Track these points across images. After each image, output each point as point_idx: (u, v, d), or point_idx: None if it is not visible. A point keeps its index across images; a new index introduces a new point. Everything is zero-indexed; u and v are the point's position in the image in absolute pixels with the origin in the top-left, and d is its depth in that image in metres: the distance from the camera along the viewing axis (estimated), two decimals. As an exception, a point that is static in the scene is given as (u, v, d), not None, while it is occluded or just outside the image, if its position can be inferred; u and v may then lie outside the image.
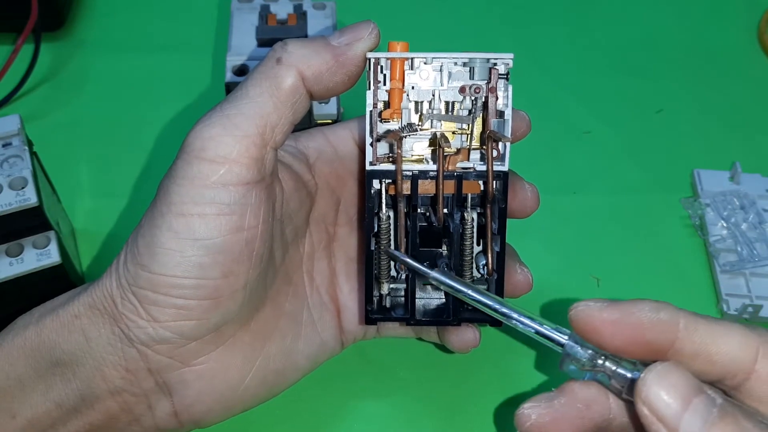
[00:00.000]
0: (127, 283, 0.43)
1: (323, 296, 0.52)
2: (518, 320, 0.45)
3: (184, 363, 0.45)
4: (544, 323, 0.44)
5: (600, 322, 0.41)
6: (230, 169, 0.42)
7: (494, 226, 0.48)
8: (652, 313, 0.41)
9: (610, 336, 0.41)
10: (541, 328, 0.44)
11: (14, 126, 0.54)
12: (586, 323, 0.42)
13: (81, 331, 0.44)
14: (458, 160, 0.47)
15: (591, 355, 0.43)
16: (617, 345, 0.41)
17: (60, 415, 0.44)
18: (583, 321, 0.42)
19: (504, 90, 0.46)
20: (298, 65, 0.43)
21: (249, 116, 0.43)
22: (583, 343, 0.43)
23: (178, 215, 0.42)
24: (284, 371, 0.50)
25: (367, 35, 0.44)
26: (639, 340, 0.41)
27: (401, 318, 0.49)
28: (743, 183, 0.66)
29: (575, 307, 0.42)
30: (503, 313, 0.45)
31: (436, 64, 0.47)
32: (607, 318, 0.41)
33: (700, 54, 0.80)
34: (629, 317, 0.41)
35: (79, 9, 0.80)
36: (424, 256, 0.49)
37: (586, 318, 0.42)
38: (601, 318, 0.41)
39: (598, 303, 0.42)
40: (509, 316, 0.45)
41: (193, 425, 0.48)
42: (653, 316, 0.41)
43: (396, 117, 0.47)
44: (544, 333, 0.44)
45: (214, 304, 0.43)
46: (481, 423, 0.54)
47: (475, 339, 0.51)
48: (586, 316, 0.42)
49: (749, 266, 0.61)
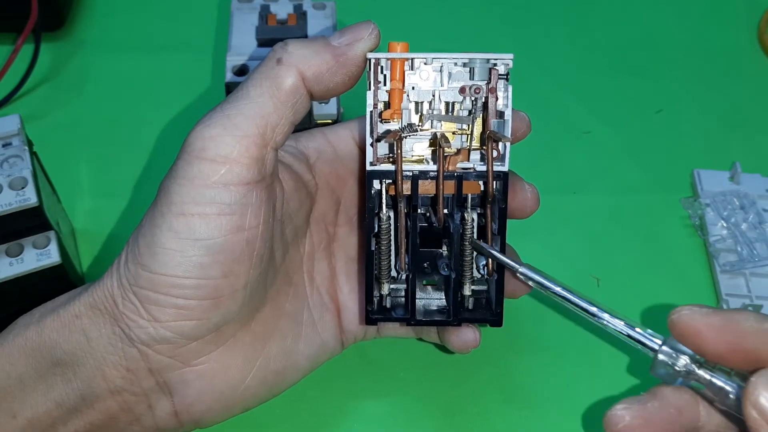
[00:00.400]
0: (127, 283, 0.43)
1: (323, 296, 0.52)
2: (608, 321, 0.44)
3: (185, 363, 0.45)
4: (635, 326, 0.44)
5: (705, 327, 0.41)
6: (231, 169, 0.42)
7: (494, 226, 0.48)
8: (757, 323, 0.41)
9: (714, 342, 0.41)
10: (633, 332, 0.44)
11: (14, 126, 0.54)
12: (689, 327, 0.42)
13: (82, 331, 0.44)
14: (458, 160, 0.47)
15: (687, 361, 0.42)
16: (720, 351, 0.41)
17: (60, 415, 0.44)
18: (686, 325, 0.42)
19: (504, 90, 0.46)
20: (298, 65, 0.43)
21: (249, 116, 0.43)
22: (679, 348, 0.43)
23: (178, 215, 0.42)
24: (284, 371, 0.50)
25: (367, 35, 0.44)
26: (741, 348, 0.41)
27: (401, 318, 0.49)
28: (743, 183, 0.66)
29: (678, 311, 0.42)
30: (592, 313, 0.45)
31: (437, 64, 0.47)
32: (712, 323, 0.41)
33: (700, 54, 0.80)
34: (734, 325, 0.41)
35: (79, 9, 0.80)
36: (425, 257, 0.50)
37: (690, 322, 0.42)
38: (706, 323, 0.41)
39: (703, 308, 0.42)
40: (599, 316, 0.45)
41: (193, 425, 0.48)
42: (757, 326, 0.41)
43: (396, 117, 0.47)
44: (637, 338, 0.44)
45: (214, 303, 0.44)
46: (481, 423, 0.54)
47: (475, 339, 0.51)
48: (690, 320, 0.42)
49: (749, 266, 0.61)
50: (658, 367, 0.43)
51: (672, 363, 0.43)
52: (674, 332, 0.42)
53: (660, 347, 0.43)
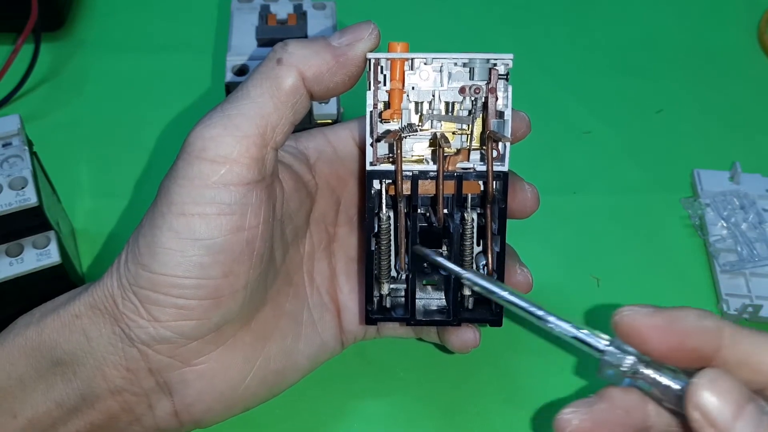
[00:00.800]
0: (128, 283, 0.43)
1: (323, 296, 0.52)
2: (555, 324, 0.44)
3: (185, 363, 0.45)
4: (582, 328, 0.43)
5: (647, 328, 0.41)
6: (231, 169, 0.42)
7: (494, 226, 0.48)
8: (698, 321, 0.41)
9: (657, 342, 0.41)
10: (579, 333, 0.43)
11: (14, 126, 0.54)
12: (632, 328, 0.41)
13: (82, 331, 0.44)
14: (458, 160, 0.47)
15: (633, 361, 0.42)
16: (663, 351, 0.41)
17: (61, 415, 0.44)
18: (629, 325, 0.41)
19: (504, 90, 0.46)
20: (298, 66, 0.43)
21: (249, 116, 0.43)
22: (625, 348, 0.42)
23: (178, 215, 0.42)
24: (284, 371, 0.50)
25: (367, 36, 0.44)
26: (684, 347, 0.41)
27: (401, 318, 0.49)
28: (743, 183, 0.66)
29: (620, 312, 0.42)
30: (539, 316, 0.44)
31: (436, 64, 0.47)
32: (654, 323, 0.41)
33: (700, 54, 0.80)
34: (675, 323, 0.41)
35: (79, 9, 0.80)
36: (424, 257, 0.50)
37: (633, 323, 0.41)
38: (648, 323, 0.41)
39: (645, 308, 0.41)
40: (545, 319, 0.44)
41: (193, 425, 0.48)
42: (699, 324, 0.41)
43: (396, 117, 0.47)
44: (582, 338, 0.43)
45: (214, 303, 0.44)
46: (480, 423, 0.54)
47: (475, 339, 0.51)
48: (632, 320, 0.41)
49: (749, 266, 0.61)
50: (605, 368, 0.43)
51: (618, 363, 0.42)
52: (618, 332, 0.42)
53: (605, 348, 0.43)
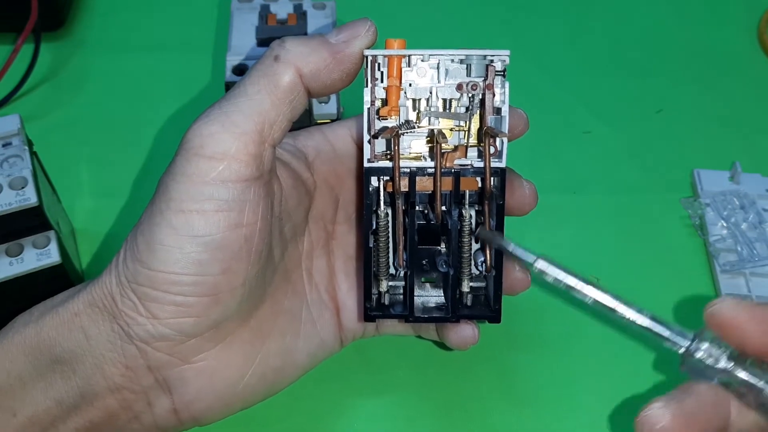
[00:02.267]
0: (126, 281, 0.43)
1: (322, 294, 0.52)
2: (636, 320, 0.42)
3: (184, 360, 0.45)
4: (664, 323, 0.42)
5: (748, 320, 0.40)
6: (229, 166, 0.42)
7: (492, 222, 0.48)
8: None
9: (758, 336, 0.40)
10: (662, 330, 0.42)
11: (14, 126, 0.54)
12: (731, 320, 0.41)
13: (81, 329, 0.44)
14: (456, 157, 0.47)
15: (721, 355, 0.41)
16: (762, 346, 0.40)
17: (60, 413, 0.44)
18: (728, 318, 0.41)
19: (501, 87, 0.46)
20: (295, 63, 0.43)
21: (247, 113, 0.43)
22: (711, 343, 0.41)
23: (177, 212, 0.42)
24: (284, 369, 0.50)
25: (364, 33, 0.45)
26: None
27: (400, 315, 0.49)
28: (743, 183, 0.66)
29: (719, 303, 0.41)
30: (614, 310, 0.42)
31: (433, 61, 0.47)
32: (755, 317, 0.40)
33: (700, 54, 0.80)
34: None
35: (79, 9, 0.80)
36: (423, 254, 0.50)
37: (733, 315, 0.41)
38: (750, 316, 0.40)
39: (744, 302, 0.41)
40: (623, 315, 0.42)
41: (192, 422, 0.48)
42: None
43: (393, 114, 0.47)
44: (665, 334, 0.42)
45: (213, 300, 0.44)
46: (479, 420, 0.54)
47: (474, 336, 0.51)
48: (732, 313, 0.41)
49: (749, 266, 0.61)
50: (689, 364, 0.42)
51: (704, 359, 0.41)
52: (712, 324, 0.41)
53: (691, 343, 0.41)
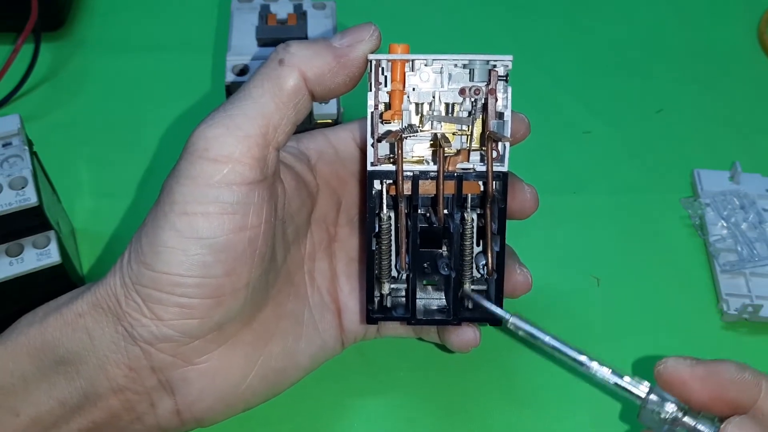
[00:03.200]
0: (130, 282, 0.43)
1: (324, 296, 0.52)
2: (597, 371, 0.46)
3: (187, 361, 0.45)
4: (624, 375, 0.46)
5: (690, 378, 0.45)
6: (233, 169, 0.42)
7: (494, 226, 0.48)
8: (737, 373, 0.44)
9: (698, 391, 0.45)
10: (621, 381, 0.46)
11: (14, 126, 0.54)
12: (674, 377, 0.45)
13: (85, 330, 0.44)
14: (458, 160, 0.48)
15: (673, 408, 0.45)
16: (703, 400, 0.45)
17: (63, 413, 0.44)
18: (672, 375, 0.45)
19: (503, 92, 0.46)
20: (300, 66, 0.44)
21: (251, 116, 0.43)
22: (664, 396, 0.45)
23: (181, 214, 0.42)
24: (286, 370, 0.50)
25: (368, 37, 0.45)
26: (724, 397, 0.44)
27: (402, 317, 0.49)
28: (743, 183, 0.66)
29: (664, 363, 0.46)
30: (581, 362, 0.46)
31: (437, 66, 0.47)
32: (696, 374, 0.45)
33: (700, 54, 0.80)
34: (716, 375, 0.45)
35: (79, 9, 0.80)
36: (425, 257, 0.50)
37: (675, 373, 0.45)
38: (691, 374, 0.45)
39: (687, 360, 0.45)
40: (587, 366, 0.46)
41: (195, 424, 0.48)
42: (738, 376, 0.44)
43: (397, 118, 0.47)
44: (624, 386, 0.46)
45: (216, 302, 0.44)
46: (480, 422, 0.54)
47: (475, 338, 0.51)
48: (675, 371, 0.45)
49: (749, 266, 0.61)
50: (645, 415, 0.45)
51: (658, 411, 0.45)
52: (660, 382, 0.46)
53: (647, 395, 0.45)
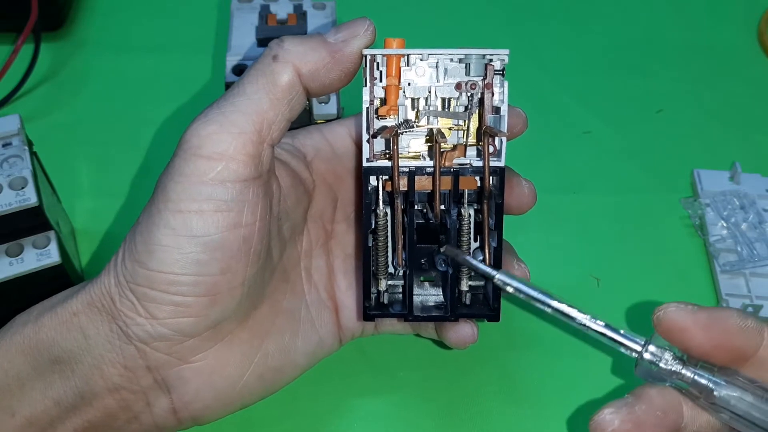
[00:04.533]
0: (125, 281, 0.43)
1: (321, 293, 0.52)
2: (590, 325, 0.44)
3: (183, 360, 0.45)
4: (618, 329, 0.44)
5: (692, 324, 0.42)
6: (227, 166, 0.42)
7: (491, 221, 0.48)
8: (741, 321, 0.42)
9: (700, 338, 0.42)
10: (616, 334, 0.44)
11: (14, 126, 0.54)
12: (675, 324, 0.42)
13: (79, 329, 0.44)
14: (455, 156, 0.47)
15: (671, 359, 0.43)
16: (706, 348, 0.42)
17: (59, 413, 0.44)
18: (673, 322, 0.43)
19: (500, 86, 0.46)
20: (294, 62, 0.43)
21: (246, 113, 0.43)
22: (662, 347, 0.43)
23: (175, 212, 0.42)
24: (282, 368, 0.50)
25: (363, 32, 0.45)
26: (726, 345, 0.42)
27: (399, 314, 0.49)
28: (743, 183, 0.66)
29: (665, 308, 0.43)
30: (573, 317, 0.44)
31: (432, 60, 0.47)
32: (698, 320, 0.42)
33: (700, 54, 0.80)
34: (719, 322, 0.42)
35: (79, 9, 0.80)
36: (422, 253, 0.50)
37: (677, 319, 0.42)
38: (693, 320, 0.42)
39: (689, 306, 0.43)
40: (580, 320, 0.44)
41: (191, 422, 0.48)
42: (741, 323, 0.42)
43: (392, 113, 0.47)
44: (619, 339, 0.44)
45: (212, 300, 0.44)
46: (479, 419, 0.54)
47: (473, 335, 0.51)
48: (676, 317, 0.43)
49: (749, 266, 0.61)
50: (642, 368, 0.43)
51: (656, 363, 0.43)
52: (660, 329, 0.43)
53: (643, 347, 0.43)
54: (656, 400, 0.43)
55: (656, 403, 0.43)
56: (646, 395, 0.43)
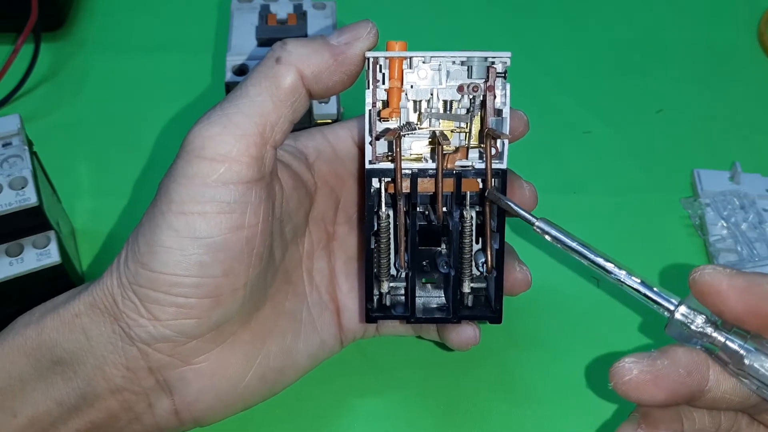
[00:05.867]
0: (127, 282, 0.43)
1: (323, 295, 0.52)
2: (625, 280, 0.43)
3: (185, 361, 0.45)
4: (653, 286, 0.43)
5: (727, 288, 0.41)
6: (230, 168, 0.42)
7: (493, 223, 0.48)
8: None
9: (735, 302, 0.41)
10: (650, 291, 0.43)
11: (14, 126, 0.54)
12: (711, 286, 0.41)
13: (82, 330, 0.44)
14: (457, 158, 0.48)
15: (704, 320, 0.42)
16: (739, 312, 0.41)
17: (61, 414, 0.44)
18: (708, 284, 0.41)
19: (502, 88, 0.46)
20: (297, 64, 0.43)
21: (249, 115, 0.43)
22: (696, 308, 0.42)
23: (178, 213, 0.42)
24: (284, 369, 0.50)
25: (365, 34, 0.45)
26: (761, 311, 0.41)
27: (401, 316, 0.49)
28: (743, 183, 0.66)
29: (701, 270, 0.42)
30: (609, 270, 0.44)
31: (435, 63, 0.47)
32: (734, 284, 0.41)
33: (700, 54, 0.80)
34: (756, 287, 0.41)
35: (79, 9, 0.80)
36: (424, 255, 0.50)
37: (713, 281, 0.41)
38: (729, 283, 0.41)
39: (726, 269, 0.41)
40: (616, 274, 0.43)
41: (193, 423, 0.48)
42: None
43: (395, 116, 0.47)
44: (653, 297, 0.43)
45: (214, 302, 0.44)
46: (481, 420, 0.54)
47: (475, 336, 0.51)
48: (712, 279, 0.41)
49: (749, 266, 0.61)
50: (674, 327, 0.42)
51: (688, 323, 0.42)
52: (694, 291, 0.42)
53: (677, 306, 0.42)
54: (682, 358, 0.42)
55: (681, 362, 0.42)
56: (672, 352, 0.42)
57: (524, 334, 0.58)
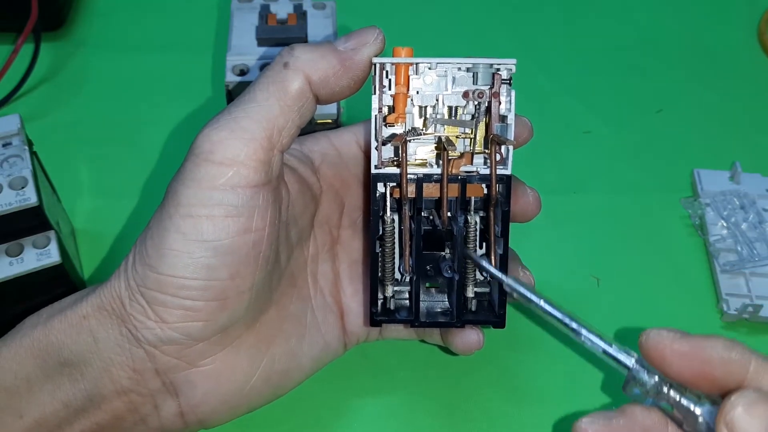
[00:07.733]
0: (135, 284, 0.44)
1: (327, 298, 0.53)
2: (586, 337, 0.44)
3: (191, 364, 0.46)
4: (613, 343, 0.43)
5: (670, 352, 0.42)
6: (238, 172, 0.42)
7: (497, 229, 0.48)
8: (725, 352, 0.41)
9: (678, 367, 0.42)
10: (610, 348, 0.43)
11: (14, 126, 0.54)
12: (655, 350, 0.42)
13: (89, 332, 0.44)
14: (461, 163, 0.48)
15: (657, 382, 0.42)
16: (685, 377, 0.42)
17: (67, 415, 0.45)
18: (653, 348, 0.42)
19: (507, 95, 0.47)
20: (304, 69, 0.44)
21: (256, 119, 0.43)
22: (650, 368, 0.43)
23: (186, 217, 0.42)
24: (289, 372, 0.50)
25: (372, 40, 0.45)
26: (707, 376, 0.41)
27: (406, 320, 0.50)
28: (743, 183, 0.66)
29: (647, 334, 0.43)
30: (572, 328, 0.44)
31: (441, 69, 0.47)
32: (677, 349, 0.42)
33: (700, 54, 0.80)
34: (700, 352, 0.41)
35: (79, 9, 0.80)
36: (428, 259, 0.50)
37: (657, 346, 0.42)
38: (672, 348, 0.42)
39: (671, 333, 0.42)
40: (578, 332, 0.44)
41: (198, 425, 0.48)
42: (725, 355, 0.41)
43: (400, 121, 0.47)
44: (612, 354, 0.43)
45: (221, 305, 0.44)
46: (481, 423, 0.54)
47: (478, 341, 0.52)
48: (656, 343, 0.42)
49: (749, 266, 0.61)
50: (630, 385, 0.43)
51: (643, 382, 0.43)
52: (643, 353, 0.43)
53: (633, 365, 0.43)
54: (639, 417, 0.43)
55: (639, 421, 0.43)
56: (630, 411, 0.43)
57: (523, 333, 0.58)
